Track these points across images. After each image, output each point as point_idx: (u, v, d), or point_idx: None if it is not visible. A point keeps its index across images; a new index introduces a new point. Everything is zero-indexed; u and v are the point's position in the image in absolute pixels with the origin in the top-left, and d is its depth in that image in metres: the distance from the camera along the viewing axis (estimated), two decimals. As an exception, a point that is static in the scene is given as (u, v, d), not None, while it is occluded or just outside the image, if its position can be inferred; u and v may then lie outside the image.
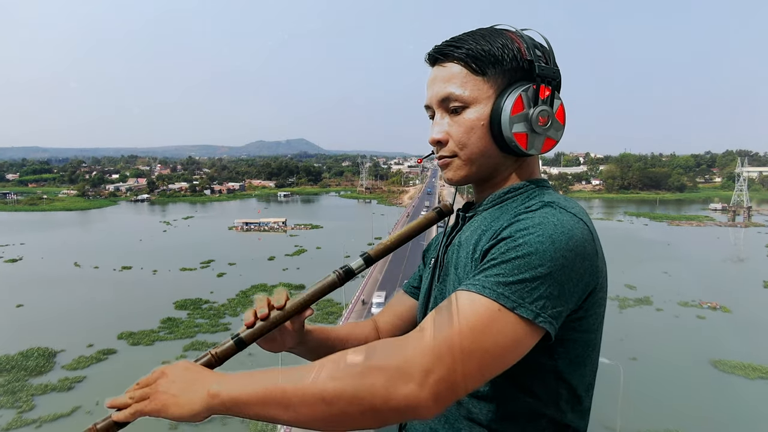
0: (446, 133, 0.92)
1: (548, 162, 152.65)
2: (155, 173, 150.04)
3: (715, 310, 33.33)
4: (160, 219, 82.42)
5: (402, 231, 0.98)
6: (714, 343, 27.31)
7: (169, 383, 0.78)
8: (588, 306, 0.83)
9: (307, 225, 71.53)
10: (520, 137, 0.88)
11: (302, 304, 0.93)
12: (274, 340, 1.00)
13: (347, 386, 0.71)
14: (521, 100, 0.87)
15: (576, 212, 0.83)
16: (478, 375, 0.73)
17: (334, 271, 0.93)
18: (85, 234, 67.57)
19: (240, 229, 70.16)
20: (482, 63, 0.88)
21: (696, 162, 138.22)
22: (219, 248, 52.51)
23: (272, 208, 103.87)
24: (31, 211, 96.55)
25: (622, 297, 35.76)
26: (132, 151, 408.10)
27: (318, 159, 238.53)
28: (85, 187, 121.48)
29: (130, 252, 52.20)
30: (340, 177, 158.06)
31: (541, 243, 0.76)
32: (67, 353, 26.53)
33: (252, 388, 0.74)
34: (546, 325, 0.75)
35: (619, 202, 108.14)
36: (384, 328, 1.17)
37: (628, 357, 25.61)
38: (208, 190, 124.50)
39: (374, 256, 0.94)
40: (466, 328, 0.73)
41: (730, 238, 64.78)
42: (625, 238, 58.32)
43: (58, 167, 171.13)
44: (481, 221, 0.93)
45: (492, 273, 0.76)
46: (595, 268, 0.81)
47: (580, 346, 0.85)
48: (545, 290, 0.75)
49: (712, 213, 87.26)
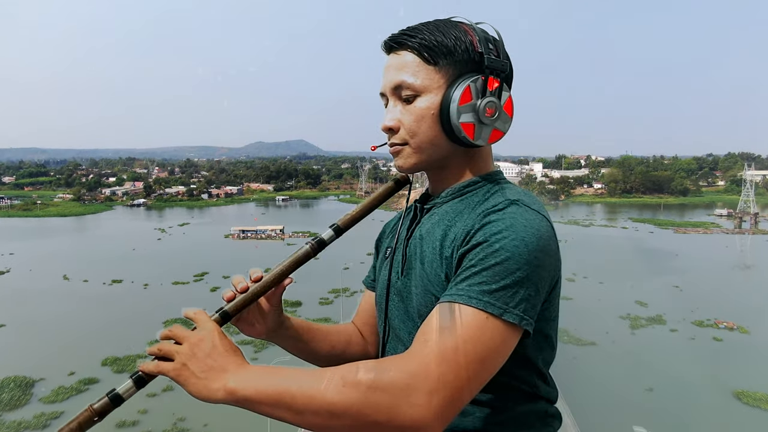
0: (398, 120, 0.94)
1: (549, 164, 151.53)
2: (153, 176, 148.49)
3: (732, 330, 31.76)
4: (155, 226, 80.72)
5: (365, 203, 1.04)
6: (735, 370, 25.73)
7: (196, 360, 0.82)
8: (552, 298, 0.89)
9: (305, 232, 69.88)
10: (468, 127, 0.90)
11: (279, 275, 0.98)
12: (254, 323, 1.04)
13: (354, 402, 0.73)
14: (469, 91, 0.89)
15: (538, 208, 0.87)
16: (475, 384, 0.78)
17: (308, 243, 1.00)
18: (78, 242, 65.92)
19: (237, 237, 68.55)
20: (435, 53, 0.90)
21: (698, 165, 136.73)
22: (214, 259, 50.93)
23: (270, 212, 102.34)
24: (25, 217, 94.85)
25: (633, 315, 34.17)
26: (131, 152, 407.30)
27: (317, 161, 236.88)
28: (80, 192, 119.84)
29: (122, 263, 50.62)
30: (339, 180, 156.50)
31: (516, 247, 0.79)
32: (46, 382, 24.91)
33: (265, 390, 0.77)
34: (528, 326, 0.81)
35: (622, 206, 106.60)
36: (362, 326, 1.20)
37: (644, 387, 24.13)
38: (205, 194, 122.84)
39: (343, 227, 1.02)
40: (462, 341, 0.76)
41: (739, 246, 63.31)
42: (632, 248, 56.88)
43: (55, 170, 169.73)
44: (442, 214, 0.95)
45: (475, 282, 0.79)
46: (557, 263, 0.87)
47: (543, 332, 0.91)
48: (524, 293, 0.79)
49: (718, 219, 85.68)
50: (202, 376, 0.81)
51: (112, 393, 0.84)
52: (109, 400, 0.83)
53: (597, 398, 22.33)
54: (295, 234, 69.33)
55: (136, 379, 0.85)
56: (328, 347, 1.14)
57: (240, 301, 0.95)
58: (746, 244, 65.33)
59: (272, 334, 1.06)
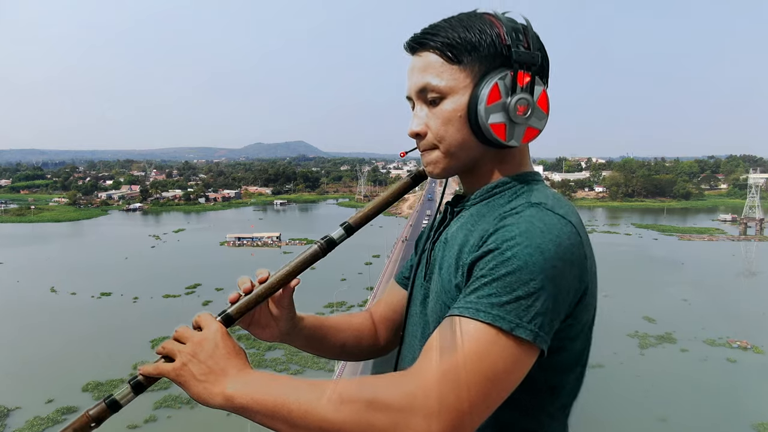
0: (425, 125, 0.89)
1: (550, 167, 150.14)
2: (150, 179, 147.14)
3: (745, 350, 30.40)
4: (150, 232, 79.20)
5: (379, 199, 0.99)
6: (752, 397, 24.33)
7: (197, 361, 0.80)
8: (577, 312, 0.79)
9: (302, 240, 68.49)
10: (498, 128, 0.83)
11: (286, 275, 0.93)
12: (266, 326, 1.00)
13: (348, 420, 0.70)
14: (497, 89, 0.83)
15: (564, 213, 0.79)
16: (483, 407, 0.71)
17: (317, 242, 0.95)
18: (69, 250, 64.45)
19: (232, 245, 67.21)
20: (458, 51, 0.84)
21: (700, 168, 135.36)
22: (207, 268, 49.56)
23: (268, 217, 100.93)
24: (19, 222, 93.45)
25: (642, 333, 32.80)
26: (130, 153, 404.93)
27: (316, 162, 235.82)
28: (76, 195, 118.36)
29: (114, 272, 49.30)
30: (338, 182, 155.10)
31: (530, 255, 0.72)
32: (22, 411, 23.58)
33: (263, 400, 0.75)
34: (543, 344, 0.73)
35: (624, 210, 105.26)
36: (379, 321, 1.15)
37: (656, 417, 22.73)
38: (202, 198, 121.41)
39: (354, 225, 0.96)
40: (465, 359, 0.70)
41: (744, 254, 62.00)
42: (637, 256, 55.50)
43: (53, 172, 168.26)
44: (467, 218, 0.89)
45: (484, 293, 0.73)
46: (584, 273, 0.78)
47: (567, 354, 0.82)
48: (541, 306, 0.72)
49: (722, 225, 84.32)
50: (202, 379, 0.79)
51: (109, 398, 0.82)
52: (106, 405, 0.81)
53: (606, 430, 20.96)
54: (291, 241, 67.99)
55: (134, 384, 0.83)
56: (340, 344, 1.10)
57: (244, 303, 0.91)
58: (752, 251, 64.06)
59: (285, 336, 1.02)
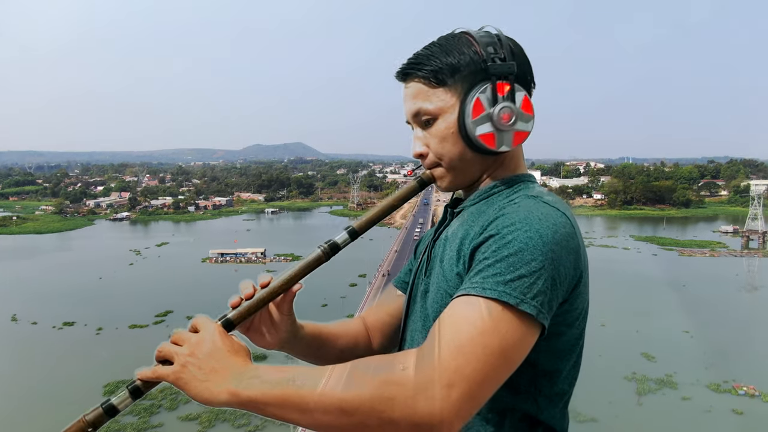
0: (425, 145, 0.96)
1: (548, 172, 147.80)
2: (142, 184, 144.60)
3: (753, 397, 27.79)
4: (132, 246, 76.44)
5: (384, 203, 1.00)
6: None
7: (196, 362, 0.79)
8: (572, 299, 0.84)
9: (287, 256, 65.88)
10: (487, 137, 0.90)
11: (288, 280, 0.93)
12: (266, 334, 0.99)
13: (367, 397, 0.70)
14: (480, 102, 0.89)
15: (559, 206, 0.85)
16: (494, 379, 0.74)
17: (320, 246, 0.94)
18: (43, 268, 61.46)
19: (215, 261, 64.68)
20: (442, 75, 0.91)
21: (700, 173, 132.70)
22: (183, 291, 46.92)
23: (258, 227, 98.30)
24: (0, 234, 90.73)
25: (640, 376, 30.10)
26: (128, 155, 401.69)
27: (313, 165, 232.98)
28: (63, 203, 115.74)
29: (82, 296, 46.64)
30: (333, 187, 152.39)
31: (530, 238, 0.77)
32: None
33: (271, 391, 0.74)
34: (544, 320, 0.77)
35: (622, 220, 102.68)
36: (373, 326, 1.16)
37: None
38: (192, 207, 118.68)
39: (359, 230, 0.96)
40: (478, 332, 0.73)
41: (747, 271, 59.41)
42: (635, 277, 52.74)
43: (44, 176, 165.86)
44: (468, 216, 0.94)
45: (489, 273, 0.77)
46: (578, 261, 0.83)
47: (564, 340, 0.87)
48: (542, 285, 0.76)
49: (723, 237, 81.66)
50: (203, 378, 0.78)
51: (106, 403, 0.80)
52: (102, 410, 0.80)
53: None
54: (276, 257, 65.38)
55: (132, 390, 0.81)
56: (337, 352, 1.10)
57: (245, 308, 0.90)
58: (755, 267, 61.41)
59: (285, 344, 1.01)
